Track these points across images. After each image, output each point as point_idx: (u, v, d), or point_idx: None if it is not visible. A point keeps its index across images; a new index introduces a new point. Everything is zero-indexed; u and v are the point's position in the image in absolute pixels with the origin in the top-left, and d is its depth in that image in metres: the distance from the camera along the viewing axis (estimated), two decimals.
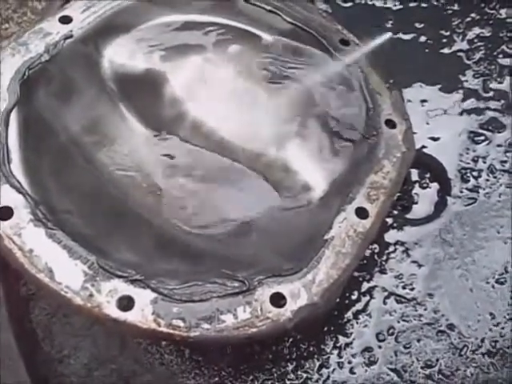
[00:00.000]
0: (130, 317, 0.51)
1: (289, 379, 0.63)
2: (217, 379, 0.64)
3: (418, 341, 0.64)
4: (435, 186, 0.73)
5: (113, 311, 0.51)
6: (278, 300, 0.54)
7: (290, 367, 0.64)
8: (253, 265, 0.57)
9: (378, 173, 0.63)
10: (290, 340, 0.65)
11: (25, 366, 0.64)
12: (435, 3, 0.85)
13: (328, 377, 0.63)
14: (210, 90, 0.71)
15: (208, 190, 0.67)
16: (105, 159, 0.66)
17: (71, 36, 0.66)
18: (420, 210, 0.71)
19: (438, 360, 0.63)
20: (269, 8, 0.74)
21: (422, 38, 0.82)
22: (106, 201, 0.63)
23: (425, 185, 0.72)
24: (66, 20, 0.66)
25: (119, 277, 0.53)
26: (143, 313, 0.51)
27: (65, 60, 0.65)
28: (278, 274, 0.55)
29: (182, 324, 0.52)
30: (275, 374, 0.63)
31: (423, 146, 0.73)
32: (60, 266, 0.52)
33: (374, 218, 0.60)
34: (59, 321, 0.68)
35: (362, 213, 0.60)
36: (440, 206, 0.71)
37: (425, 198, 0.72)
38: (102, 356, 0.66)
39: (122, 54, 0.69)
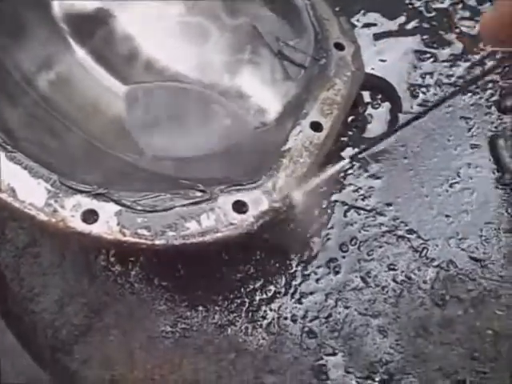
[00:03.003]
0: (95, 229, 0.52)
1: (258, 295, 0.65)
2: (187, 303, 0.65)
3: (380, 247, 0.66)
4: (387, 105, 0.75)
5: (78, 224, 0.52)
6: (240, 207, 0.55)
7: (258, 284, 0.65)
8: (213, 179, 0.58)
9: (330, 90, 0.65)
10: (256, 259, 0.66)
11: None
12: None
13: (296, 289, 0.65)
14: (161, 26, 0.72)
15: (170, 117, 0.68)
16: (60, 97, 0.66)
17: None
18: (374, 128, 0.73)
19: (400, 263, 0.65)
20: None
21: None
22: (64, 135, 0.63)
23: (377, 105, 0.74)
24: None
25: (82, 192, 0.53)
26: (108, 224, 0.52)
27: None
28: (239, 184, 0.57)
29: (147, 233, 0.53)
30: (244, 292, 0.65)
31: (372, 69, 0.75)
32: (22, 185, 0.52)
33: (328, 130, 0.62)
34: (27, 261, 0.68)
35: (316, 126, 0.62)
36: (392, 123, 0.73)
37: (378, 118, 0.74)
38: (72, 291, 0.66)
39: None
